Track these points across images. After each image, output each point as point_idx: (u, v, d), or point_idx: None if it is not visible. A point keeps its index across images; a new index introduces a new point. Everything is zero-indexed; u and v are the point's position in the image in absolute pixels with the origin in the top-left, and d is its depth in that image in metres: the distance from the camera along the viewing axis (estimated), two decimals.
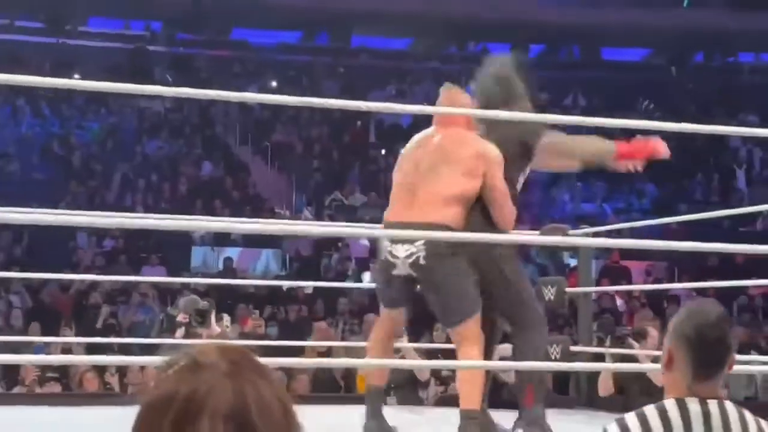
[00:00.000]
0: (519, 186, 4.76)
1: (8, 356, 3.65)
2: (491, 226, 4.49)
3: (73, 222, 3.38)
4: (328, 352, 8.26)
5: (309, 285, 11.97)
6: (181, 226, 3.93)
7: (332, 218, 16.65)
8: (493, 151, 4.52)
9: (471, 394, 4.39)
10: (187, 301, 6.69)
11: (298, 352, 8.70)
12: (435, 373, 7.82)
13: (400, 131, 20.52)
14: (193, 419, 1.11)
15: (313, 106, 4.46)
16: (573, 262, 11.72)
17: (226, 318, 7.30)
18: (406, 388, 7.20)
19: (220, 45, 23.47)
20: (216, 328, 6.45)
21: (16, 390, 7.79)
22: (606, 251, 14.05)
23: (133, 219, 4.01)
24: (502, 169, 4.50)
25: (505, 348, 5.13)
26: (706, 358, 2.15)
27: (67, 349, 8.96)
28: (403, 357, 7.04)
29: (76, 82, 3.34)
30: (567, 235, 5.36)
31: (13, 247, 14.52)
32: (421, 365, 6.36)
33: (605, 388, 6.59)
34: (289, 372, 7.90)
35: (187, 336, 6.31)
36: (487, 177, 4.47)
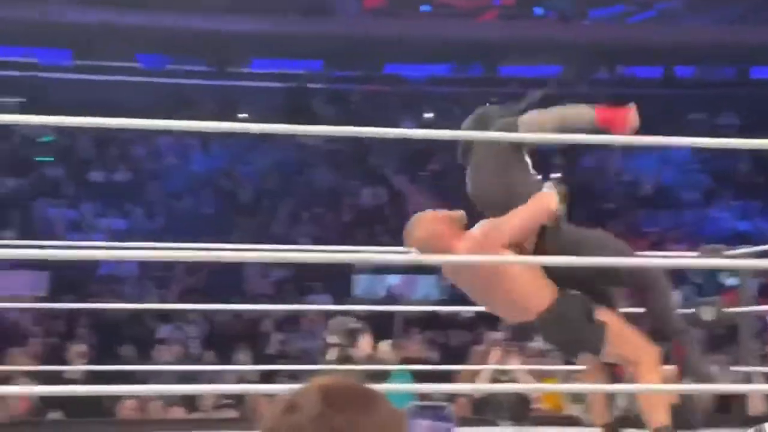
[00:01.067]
0: (527, 169, 4.56)
1: (190, 386, 3.74)
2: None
3: (245, 258, 3.47)
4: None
5: (468, 310, 11.92)
6: (345, 259, 3.97)
7: None
8: (476, 239, 4.32)
9: (655, 410, 4.26)
10: (336, 322, 6.65)
11: (457, 375, 8.69)
12: None
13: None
14: None
15: (472, 139, 4.49)
16: (729, 281, 11.42)
17: (386, 343, 7.30)
18: (517, 409, 7.14)
19: (374, 80, 23.74)
20: (366, 349, 6.39)
21: (195, 415, 7.98)
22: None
23: (299, 254, 4.07)
24: (495, 234, 4.30)
25: None
26: None
27: (241, 376, 9.16)
28: (514, 380, 7.01)
29: (247, 125, 3.41)
30: (724, 255, 5.23)
31: (188, 278, 14.91)
32: (553, 389, 6.26)
33: (757, 406, 6.40)
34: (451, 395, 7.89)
35: (339, 357, 6.29)
36: (501, 249, 4.28)
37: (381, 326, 11.81)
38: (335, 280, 15.12)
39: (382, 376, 6.07)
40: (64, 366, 8.30)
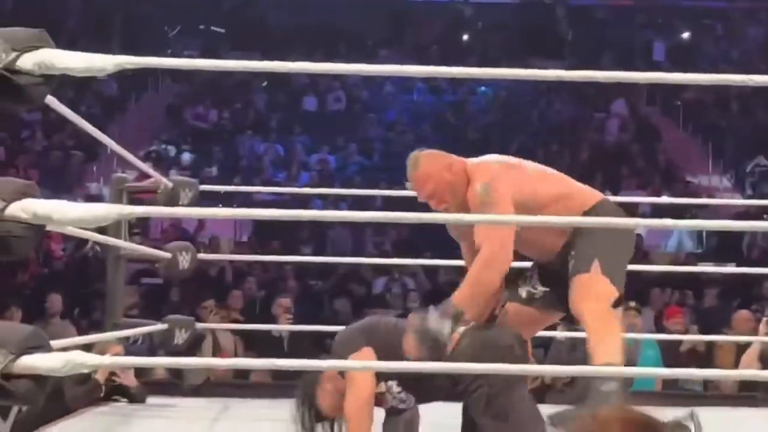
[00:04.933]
0: None
1: (404, 363, 3.74)
2: None
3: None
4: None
5: (728, 270, 11.48)
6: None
7: (755, 187, 16.12)
8: None
9: None
10: None
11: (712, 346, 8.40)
12: None
13: None
14: None
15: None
16: None
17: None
18: None
19: None
20: None
21: None
22: None
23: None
24: None
25: None
26: None
27: None
28: None
29: (472, 71, 3.35)
30: None
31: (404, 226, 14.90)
32: None
33: None
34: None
35: None
36: None
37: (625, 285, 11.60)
38: None
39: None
40: (268, 324, 8.50)
